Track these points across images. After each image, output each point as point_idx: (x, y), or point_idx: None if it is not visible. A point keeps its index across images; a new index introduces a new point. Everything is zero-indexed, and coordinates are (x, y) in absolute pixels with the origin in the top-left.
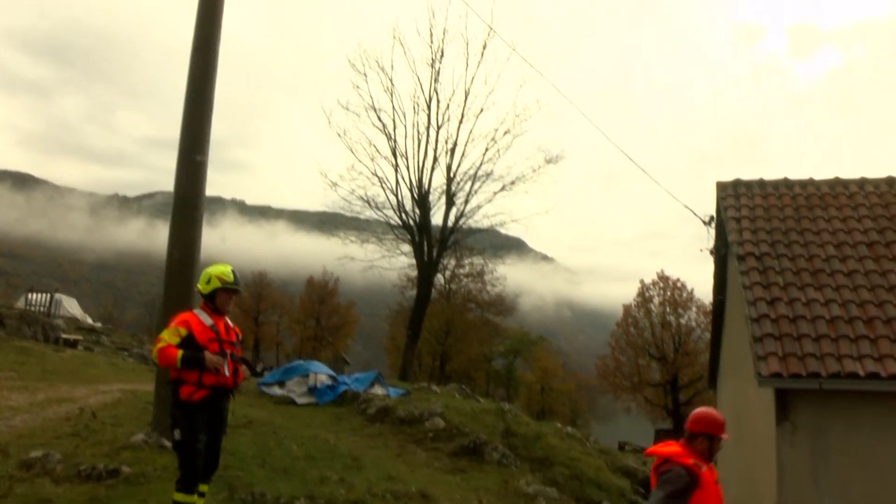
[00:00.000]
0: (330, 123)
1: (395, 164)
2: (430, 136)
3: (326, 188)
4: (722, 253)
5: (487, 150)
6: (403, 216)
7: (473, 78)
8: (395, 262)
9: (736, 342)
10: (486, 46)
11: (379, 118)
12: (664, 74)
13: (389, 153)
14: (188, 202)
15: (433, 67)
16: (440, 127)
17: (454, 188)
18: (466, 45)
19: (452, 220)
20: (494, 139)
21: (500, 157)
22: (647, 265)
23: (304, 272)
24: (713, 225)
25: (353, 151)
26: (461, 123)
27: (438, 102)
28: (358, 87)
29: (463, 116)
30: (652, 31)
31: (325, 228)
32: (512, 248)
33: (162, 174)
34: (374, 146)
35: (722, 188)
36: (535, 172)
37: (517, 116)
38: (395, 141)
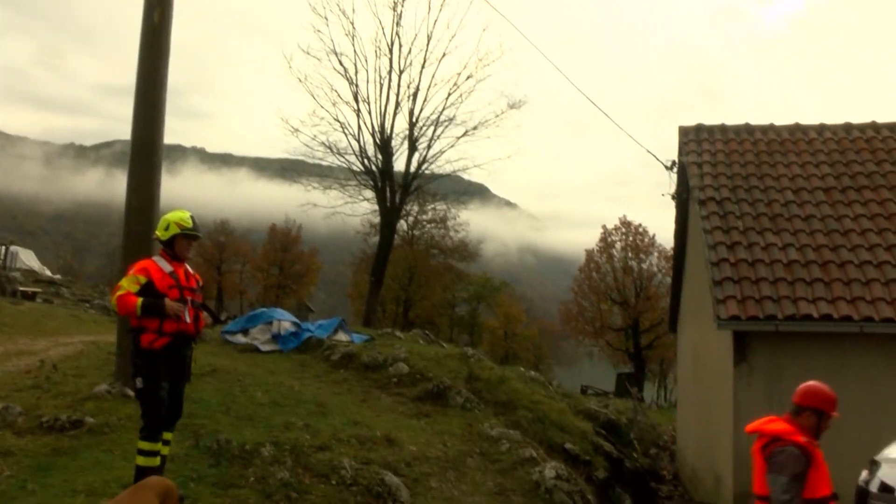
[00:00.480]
0: (290, 68)
1: (356, 109)
2: (392, 80)
3: (288, 134)
4: (683, 198)
5: (450, 95)
6: (366, 162)
7: (436, 21)
8: (357, 208)
9: (696, 286)
10: None
11: (340, 63)
12: (630, 19)
13: (351, 98)
14: (146, 148)
15: (395, 11)
16: (402, 72)
17: (417, 133)
18: None
19: (415, 165)
20: (457, 84)
21: (462, 102)
22: (610, 211)
23: (266, 220)
24: (675, 170)
25: (314, 97)
26: (423, 68)
27: (401, 47)
28: (319, 31)
29: (425, 61)
30: None
31: (287, 175)
32: (475, 194)
33: (120, 123)
34: (335, 91)
35: (684, 133)
36: (497, 118)
37: (480, 61)
38: (356, 86)
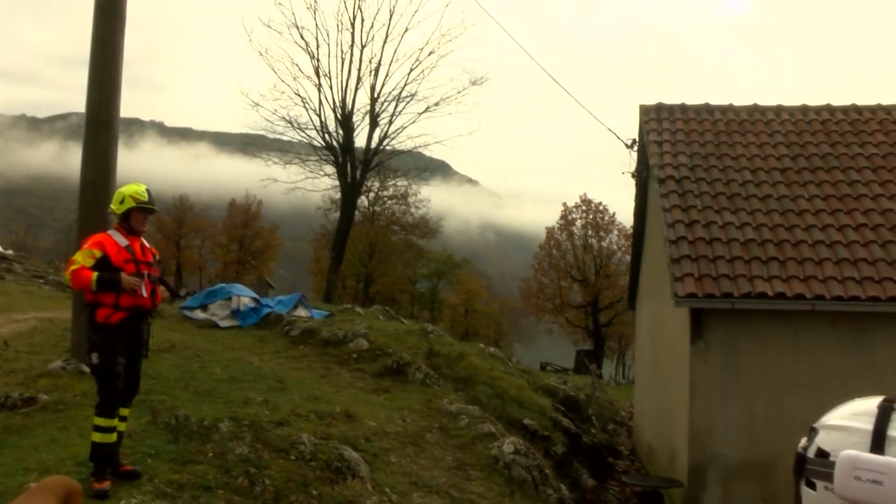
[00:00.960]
0: (251, 41)
1: (318, 83)
2: (353, 55)
3: (248, 109)
4: (643, 176)
5: (412, 70)
6: (327, 137)
7: None
8: (318, 183)
9: (655, 264)
10: None
11: (302, 36)
12: None
13: (312, 73)
14: (101, 120)
15: None
16: (364, 46)
17: (378, 109)
18: None
19: (376, 141)
20: (419, 60)
21: (424, 78)
22: (571, 189)
23: (226, 195)
24: (635, 149)
25: (275, 71)
26: (386, 43)
27: (363, 21)
28: (280, 3)
29: (387, 36)
30: None
31: (247, 150)
32: (436, 170)
33: (75, 94)
34: (296, 65)
35: (645, 112)
36: (459, 94)
37: (443, 37)
38: (318, 60)
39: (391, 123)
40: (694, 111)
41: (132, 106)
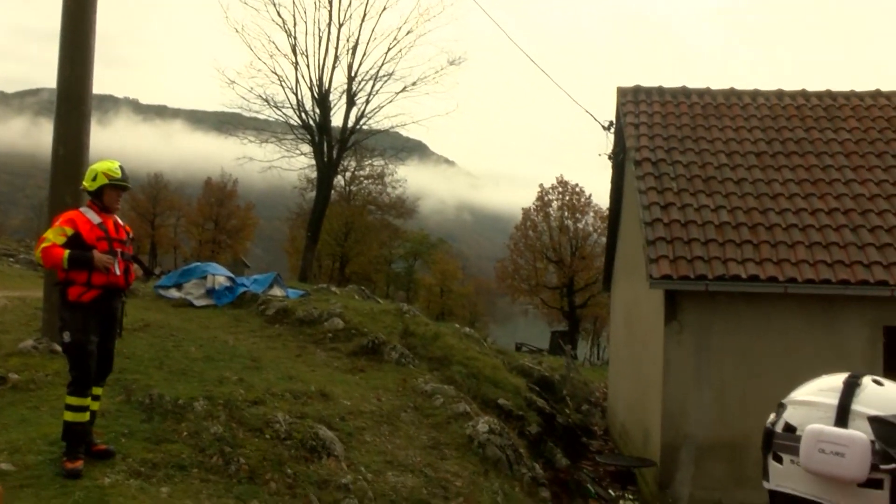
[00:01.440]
0: (227, 18)
1: (294, 62)
2: (331, 33)
3: (224, 86)
4: (620, 158)
5: (389, 49)
6: (303, 116)
7: None
8: (294, 162)
9: (630, 246)
10: None
11: (279, 14)
12: None
13: (289, 51)
14: (73, 96)
15: None
16: (342, 24)
17: (355, 88)
18: None
19: (353, 120)
20: (397, 39)
21: (402, 57)
22: (548, 171)
23: (201, 174)
24: (612, 131)
25: (251, 48)
26: (363, 21)
27: None
28: None
29: (365, 14)
30: None
31: (223, 129)
32: (413, 150)
33: (47, 69)
34: (273, 43)
35: (622, 94)
36: (437, 74)
37: (421, 16)
38: (294, 38)
39: (368, 103)
40: (671, 94)
41: (106, 83)
